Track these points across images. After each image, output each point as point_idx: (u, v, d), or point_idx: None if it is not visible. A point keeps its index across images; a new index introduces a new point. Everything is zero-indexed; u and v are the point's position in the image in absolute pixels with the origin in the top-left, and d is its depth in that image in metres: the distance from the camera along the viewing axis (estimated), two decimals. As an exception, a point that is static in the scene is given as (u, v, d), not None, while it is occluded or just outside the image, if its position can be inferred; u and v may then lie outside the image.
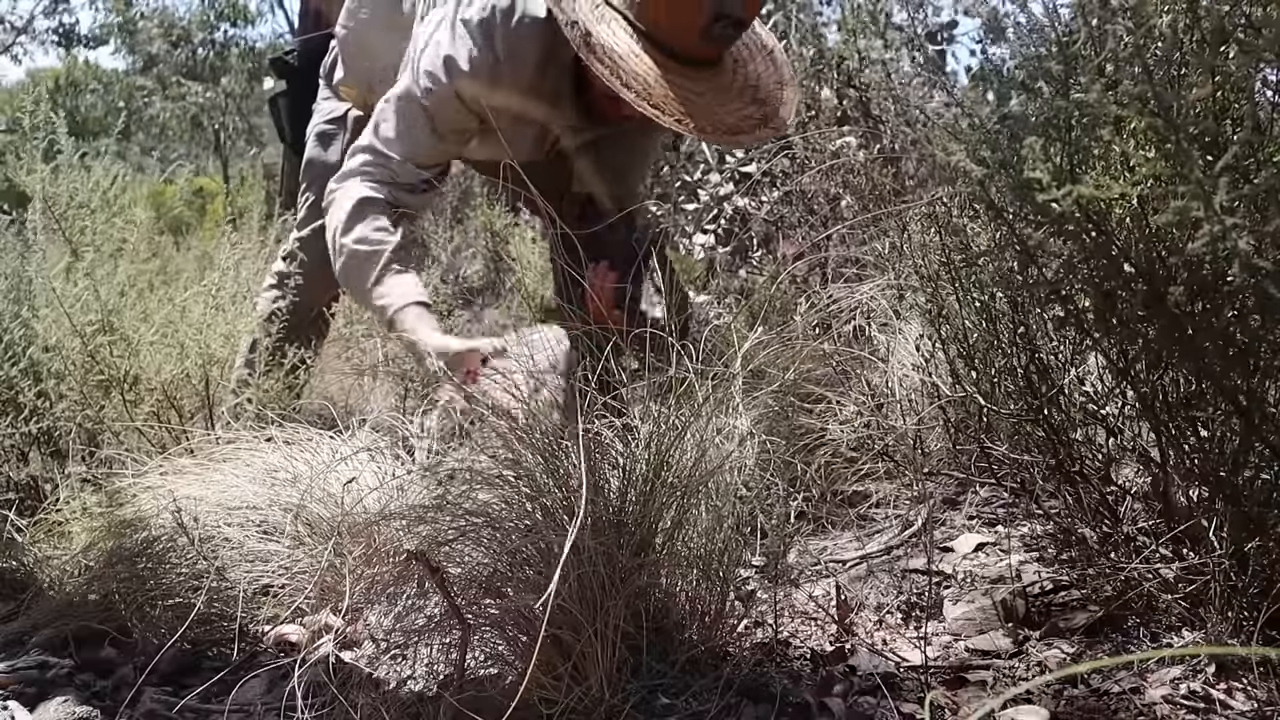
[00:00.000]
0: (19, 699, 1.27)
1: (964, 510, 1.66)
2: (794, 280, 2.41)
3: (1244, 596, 1.12)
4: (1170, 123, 0.85)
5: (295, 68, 2.44)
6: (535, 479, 1.19)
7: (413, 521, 1.25)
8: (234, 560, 1.43)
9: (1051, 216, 1.03)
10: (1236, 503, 1.13)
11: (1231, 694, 1.07)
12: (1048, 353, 1.36)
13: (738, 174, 3.48)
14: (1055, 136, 1.06)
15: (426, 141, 1.94)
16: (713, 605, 1.22)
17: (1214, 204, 0.78)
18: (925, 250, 1.59)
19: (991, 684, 1.16)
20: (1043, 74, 1.08)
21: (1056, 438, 1.32)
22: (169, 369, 1.83)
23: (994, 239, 1.30)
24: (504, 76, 1.90)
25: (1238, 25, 0.92)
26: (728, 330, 1.36)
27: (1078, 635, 1.24)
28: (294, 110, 2.41)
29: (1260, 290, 0.89)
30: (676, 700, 1.12)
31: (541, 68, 1.92)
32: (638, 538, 1.15)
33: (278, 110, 2.49)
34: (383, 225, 1.90)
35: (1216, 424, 1.17)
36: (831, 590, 1.42)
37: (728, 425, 1.24)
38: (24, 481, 1.83)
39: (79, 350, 1.78)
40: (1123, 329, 1.13)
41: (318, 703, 1.09)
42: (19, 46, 11.87)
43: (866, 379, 1.76)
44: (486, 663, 1.18)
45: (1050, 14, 1.09)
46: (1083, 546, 1.36)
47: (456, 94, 1.89)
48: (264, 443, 1.62)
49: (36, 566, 1.56)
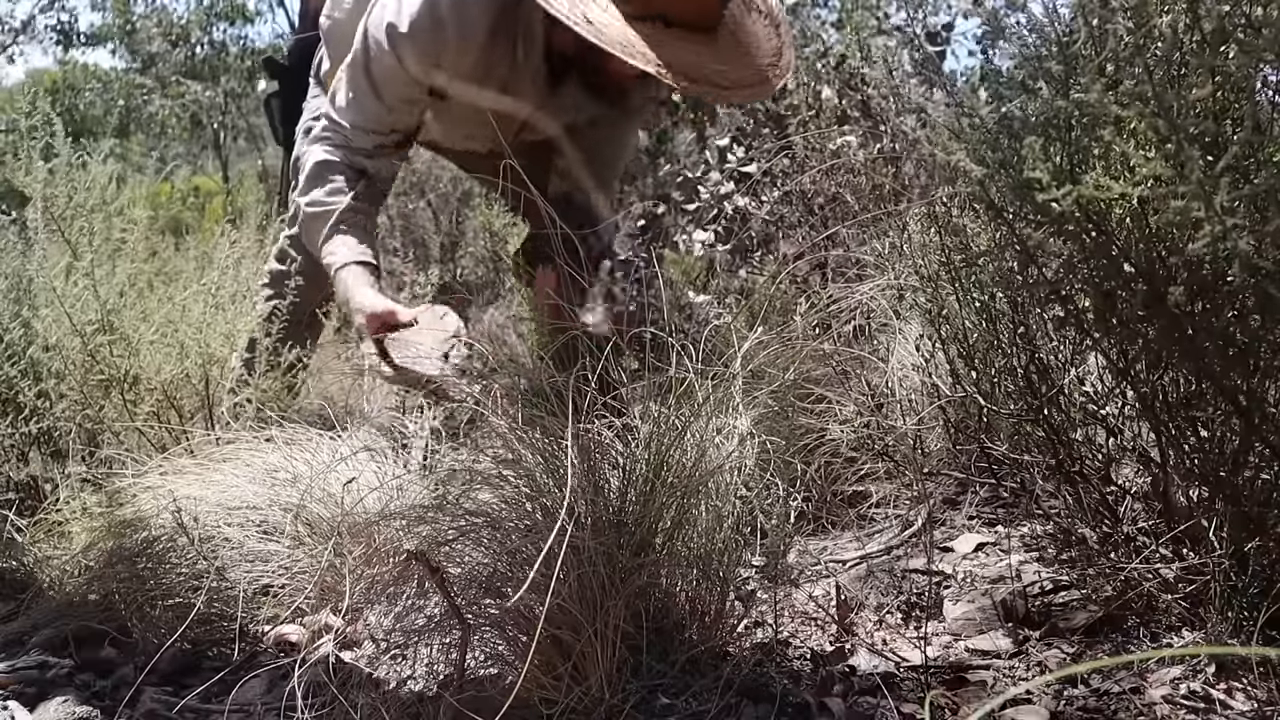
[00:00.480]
0: (19, 699, 1.27)
1: (964, 510, 1.66)
2: (794, 280, 2.40)
3: (1244, 596, 1.12)
4: (1171, 123, 0.85)
5: (287, 67, 2.43)
6: (535, 479, 1.19)
7: (413, 521, 1.25)
8: (234, 560, 1.43)
9: (1052, 216, 1.03)
10: (1236, 503, 1.13)
11: (1231, 694, 1.07)
12: (1048, 353, 1.36)
13: (738, 173, 3.48)
14: (1055, 136, 1.06)
15: (374, 110, 1.91)
16: (713, 605, 1.22)
17: (1214, 204, 0.78)
18: (925, 250, 1.59)
19: (991, 684, 1.16)
20: (1043, 74, 1.08)
21: (1056, 438, 1.32)
22: (169, 369, 1.83)
23: (994, 239, 1.30)
24: (449, 44, 1.85)
25: (1238, 25, 0.92)
26: (728, 330, 1.36)
27: (1078, 635, 1.24)
28: (286, 109, 2.40)
29: (1260, 290, 0.89)
30: (676, 700, 1.12)
31: (494, 36, 1.88)
32: (638, 538, 1.15)
33: (271, 110, 2.47)
34: (337, 187, 1.89)
35: (1216, 424, 1.17)
36: (831, 590, 1.42)
37: (728, 425, 1.24)
38: (24, 481, 1.83)
39: (79, 350, 1.78)
40: (1123, 329, 1.13)
41: (318, 703, 1.09)
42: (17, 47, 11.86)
43: (866, 379, 1.76)
44: (486, 663, 1.18)
45: (1050, 14, 1.09)
46: (1083, 546, 1.36)
47: (399, 60, 1.85)
48: (264, 443, 1.62)
49: (36, 566, 1.56)
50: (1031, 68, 1.09)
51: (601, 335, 1.83)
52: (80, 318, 1.78)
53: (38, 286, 1.82)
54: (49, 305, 1.79)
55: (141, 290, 1.94)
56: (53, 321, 1.78)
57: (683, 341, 1.28)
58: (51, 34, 12.28)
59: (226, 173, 10.00)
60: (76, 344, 1.78)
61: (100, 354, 1.79)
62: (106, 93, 11.57)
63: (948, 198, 1.49)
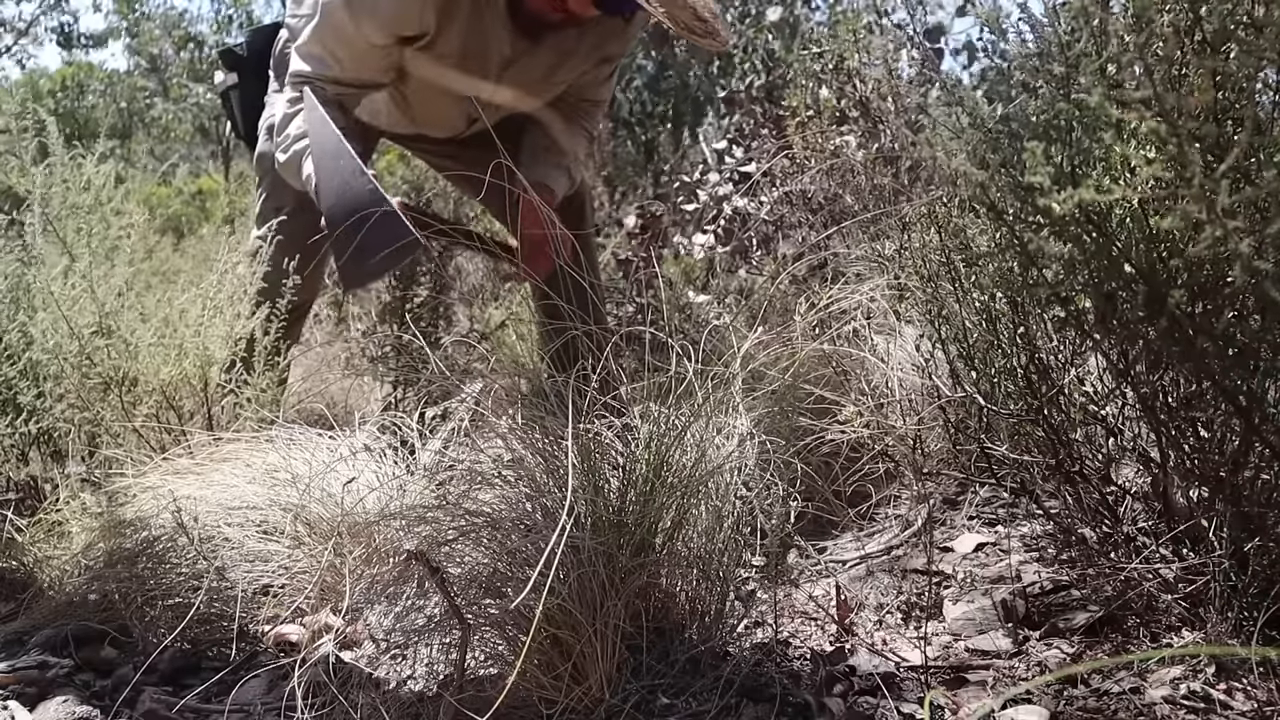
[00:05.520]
0: (19, 699, 1.27)
1: (964, 510, 1.66)
2: (794, 280, 2.40)
3: (1244, 596, 1.12)
4: (1171, 125, 0.85)
5: (244, 59, 2.39)
6: (535, 479, 1.19)
7: (413, 521, 1.25)
8: (234, 560, 1.43)
9: (1053, 218, 1.03)
10: (1236, 503, 1.13)
11: (1231, 694, 1.07)
12: (1048, 353, 1.36)
13: (737, 174, 3.48)
14: (1056, 138, 1.06)
15: (336, 67, 1.89)
16: (713, 605, 1.22)
17: (1216, 207, 0.78)
18: (925, 250, 1.59)
19: (991, 684, 1.16)
20: (1043, 74, 1.08)
21: (1056, 438, 1.32)
22: (167, 370, 1.83)
23: (994, 239, 1.30)
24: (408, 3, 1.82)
25: (1239, 25, 0.92)
26: (728, 330, 1.36)
27: (1078, 635, 1.24)
28: (246, 101, 2.34)
29: (1260, 292, 0.89)
30: (676, 700, 1.12)
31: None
32: (638, 538, 1.15)
33: (229, 104, 2.42)
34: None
35: (1216, 424, 1.17)
36: (831, 590, 1.42)
37: (727, 425, 1.24)
38: (24, 481, 1.83)
39: (76, 352, 1.78)
40: (1123, 330, 1.13)
41: (318, 703, 1.09)
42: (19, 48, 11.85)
43: (866, 379, 1.76)
44: (486, 663, 1.18)
45: (1051, 13, 1.09)
46: (1083, 546, 1.36)
47: (358, 27, 1.83)
48: (264, 443, 1.62)
49: (36, 566, 1.56)
50: (1032, 68, 1.10)
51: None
52: (77, 320, 1.78)
53: (36, 288, 1.82)
54: (45, 308, 1.78)
55: (140, 291, 1.94)
56: (50, 324, 1.78)
57: (683, 341, 1.28)
58: (52, 35, 12.29)
59: (227, 173, 9.99)
60: (74, 347, 1.78)
61: (97, 356, 1.79)
62: (109, 94, 11.56)
63: (947, 198, 1.49)
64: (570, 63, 2.07)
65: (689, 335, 1.66)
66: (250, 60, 2.35)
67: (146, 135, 11.56)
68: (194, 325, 1.86)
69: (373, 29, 1.85)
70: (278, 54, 2.23)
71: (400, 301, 3.19)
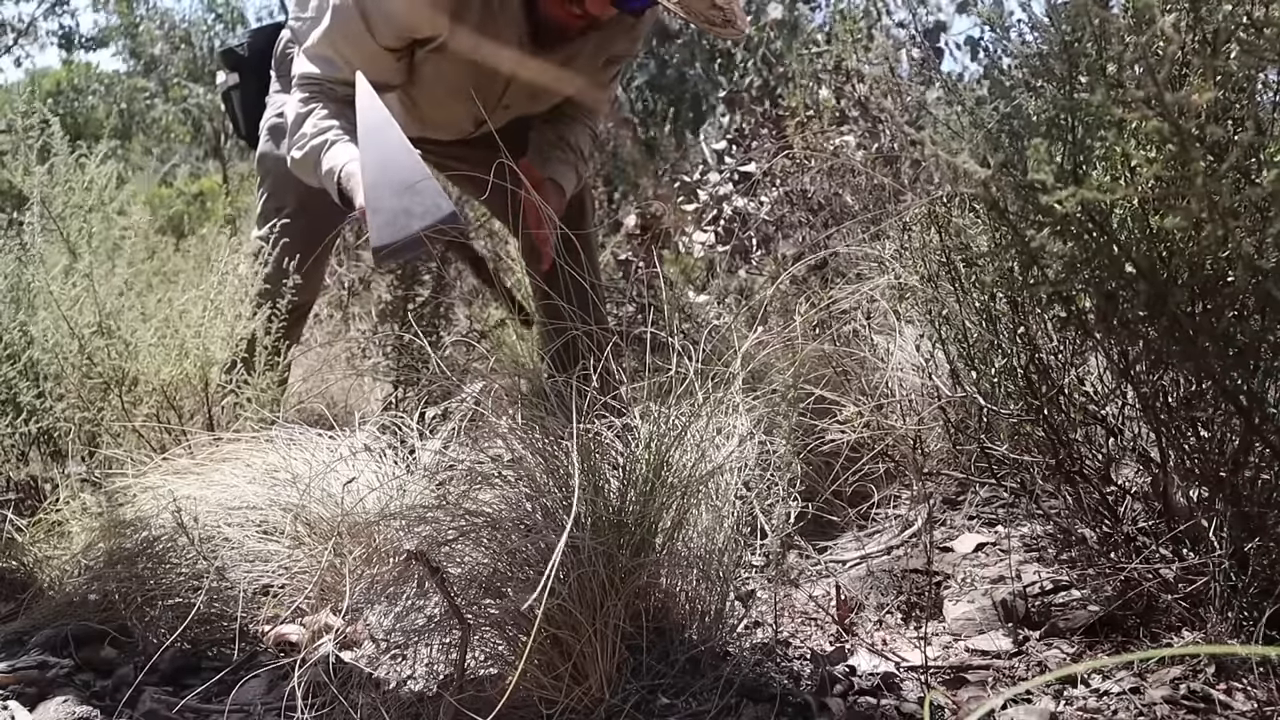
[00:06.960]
0: (19, 699, 1.27)
1: (964, 510, 1.66)
2: (794, 280, 2.40)
3: (1244, 596, 1.12)
4: (1173, 124, 0.85)
5: (245, 59, 2.39)
6: (535, 479, 1.19)
7: (413, 521, 1.25)
8: (234, 560, 1.43)
9: (1055, 217, 1.03)
10: (1236, 503, 1.13)
11: (1231, 694, 1.07)
12: (1048, 353, 1.36)
13: (737, 174, 3.48)
14: (1058, 137, 1.06)
15: (347, 69, 1.86)
16: (713, 605, 1.22)
17: (1217, 206, 0.78)
18: (925, 250, 1.59)
19: (991, 684, 1.16)
20: (1045, 74, 1.07)
21: (1056, 438, 1.32)
22: (168, 370, 1.83)
23: (994, 239, 1.30)
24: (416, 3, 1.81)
25: (1239, 25, 0.92)
26: (728, 330, 1.36)
27: (1078, 635, 1.24)
28: (247, 101, 2.34)
29: (1261, 291, 0.89)
30: (676, 700, 1.12)
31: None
32: (638, 538, 1.15)
33: (231, 103, 2.41)
34: (321, 117, 1.85)
35: (1216, 424, 1.17)
36: (831, 590, 1.42)
37: (728, 425, 1.24)
38: (24, 481, 1.82)
39: (76, 352, 1.78)
40: (1124, 329, 1.12)
41: (318, 703, 1.09)
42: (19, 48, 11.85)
43: (867, 379, 1.76)
44: (486, 663, 1.18)
45: (1052, 13, 1.09)
46: (1083, 546, 1.36)
47: (368, 28, 1.82)
48: (264, 443, 1.62)
49: (36, 566, 1.56)
50: (1034, 67, 1.09)
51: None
52: (78, 320, 1.78)
53: (36, 288, 1.82)
54: (46, 308, 1.78)
55: (140, 292, 1.93)
56: (50, 324, 1.78)
57: (683, 341, 1.28)
58: (52, 37, 12.29)
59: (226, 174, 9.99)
60: (74, 347, 1.78)
61: (98, 356, 1.79)
62: (109, 95, 11.55)
63: (948, 198, 1.49)
64: (578, 62, 2.07)
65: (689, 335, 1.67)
66: (251, 60, 2.35)
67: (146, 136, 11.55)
68: (195, 325, 1.86)
69: (385, 32, 1.84)
70: (279, 54, 2.23)
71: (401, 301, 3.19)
